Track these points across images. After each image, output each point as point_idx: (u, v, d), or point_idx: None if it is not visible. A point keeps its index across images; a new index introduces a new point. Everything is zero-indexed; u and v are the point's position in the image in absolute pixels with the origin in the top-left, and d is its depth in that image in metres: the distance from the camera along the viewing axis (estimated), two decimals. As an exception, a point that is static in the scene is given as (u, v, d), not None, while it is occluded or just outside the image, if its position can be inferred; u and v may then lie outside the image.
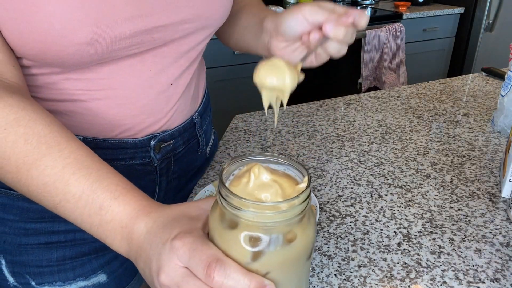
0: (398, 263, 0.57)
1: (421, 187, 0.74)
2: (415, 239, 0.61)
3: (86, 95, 0.50)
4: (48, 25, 0.41)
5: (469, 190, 0.72)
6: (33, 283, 0.58)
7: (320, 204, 0.69)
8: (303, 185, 0.34)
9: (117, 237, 0.39)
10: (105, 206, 0.39)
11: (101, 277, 0.61)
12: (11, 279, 0.58)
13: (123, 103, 0.52)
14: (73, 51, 0.43)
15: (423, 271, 0.55)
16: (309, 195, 0.33)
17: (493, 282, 0.53)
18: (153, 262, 0.35)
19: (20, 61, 0.46)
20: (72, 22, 0.41)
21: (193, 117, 0.64)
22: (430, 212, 0.67)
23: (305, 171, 0.35)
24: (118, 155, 0.55)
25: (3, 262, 0.57)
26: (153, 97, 0.54)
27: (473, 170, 0.78)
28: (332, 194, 0.72)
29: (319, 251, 0.59)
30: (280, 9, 2.30)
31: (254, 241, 0.32)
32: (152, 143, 0.58)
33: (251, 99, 2.13)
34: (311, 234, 0.35)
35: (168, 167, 0.64)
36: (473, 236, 0.61)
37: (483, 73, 1.31)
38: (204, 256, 0.32)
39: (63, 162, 0.39)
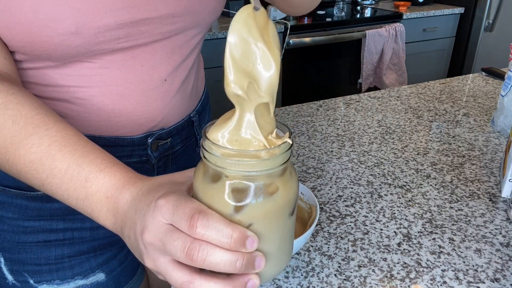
0: (398, 263, 0.56)
1: (421, 187, 0.73)
2: (415, 239, 0.61)
3: (81, 92, 0.50)
4: (32, 15, 0.41)
5: (469, 190, 0.72)
6: (31, 281, 0.58)
7: (320, 204, 0.69)
8: (285, 139, 0.34)
9: (102, 209, 0.39)
10: (90, 178, 0.39)
11: (100, 276, 0.61)
12: (10, 277, 0.58)
13: (118, 100, 0.52)
14: (58, 42, 0.44)
15: (423, 271, 0.55)
16: (290, 148, 0.34)
17: (493, 282, 0.53)
18: (137, 225, 0.35)
19: (13, 55, 0.47)
20: (55, 12, 0.42)
21: (191, 115, 0.64)
22: (430, 212, 0.67)
23: (287, 128, 0.36)
24: (115, 152, 0.55)
25: (1, 260, 0.57)
26: (147, 93, 0.54)
27: (473, 170, 0.78)
28: (332, 194, 0.72)
29: (319, 251, 0.59)
30: None
31: (236, 192, 0.33)
32: (149, 140, 0.58)
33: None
34: (293, 188, 0.36)
35: (166, 165, 0.63)
36: (473, 236, 0.61)
37: (483, 73, 1.31)
38: (187, 209, 0.32)
39: (49, 140, 0.40)
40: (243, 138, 0.34)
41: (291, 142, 0.34)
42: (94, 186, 0.39)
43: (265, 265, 0.34)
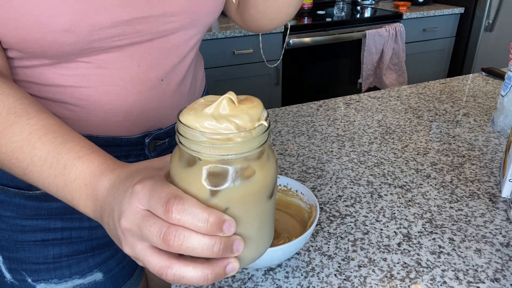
0: (398, 263, 0.56)
1: (421, 187, 0.73)
2: (415, 239, 0.61)
3: (78, 92, 0.50)
4: (25, 11, 0.41)
5: (469, 190, 0.72)
6: (29, 280, 0.57)
7: (320, 204, 0.69)
8: (261, 121, 0.34)
9: (82, 196, 0.38)
10: (68, 165, 0.39)
11: (97, 276, 0.61)
12: (8, 276, 0.58)
13: (115, 99, 0.52)
14: (52, 39, 0.43)
15: (423, 271, 0.55)
16: (266, 130, 0.33)
17: (493, 282, 0.53)
18: (115, 211, 0.35)
19: (9, 52, 0.47)
20: (49, 9, 0.42)
21: None
22: (430, 212, 0.67)
23: (265, 111, 0.36)
24: (113, 152, 0.55)
25: (0, 258, 0.57)
26: (144, 93, 0.53)
27: (473, 170, 0.78)
28: (332, 194, 0.72)
29: (319, 251, 0.59)
30: None
31: (211, 176, 0.33)
32: (147, 140, 0.58)
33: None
34: (270, 172, 0.35)
35: None
36: (473, 236, 0.61)
37: (483, 73, 1.30)
38: (163, 194, 0.32)
39: (30, 129, 0.40)
40: (219, 122, 0.33)
41: (267, 125, 0.33)
42: (72, 174, 0.38)
43: (245, 249, 0.34)
